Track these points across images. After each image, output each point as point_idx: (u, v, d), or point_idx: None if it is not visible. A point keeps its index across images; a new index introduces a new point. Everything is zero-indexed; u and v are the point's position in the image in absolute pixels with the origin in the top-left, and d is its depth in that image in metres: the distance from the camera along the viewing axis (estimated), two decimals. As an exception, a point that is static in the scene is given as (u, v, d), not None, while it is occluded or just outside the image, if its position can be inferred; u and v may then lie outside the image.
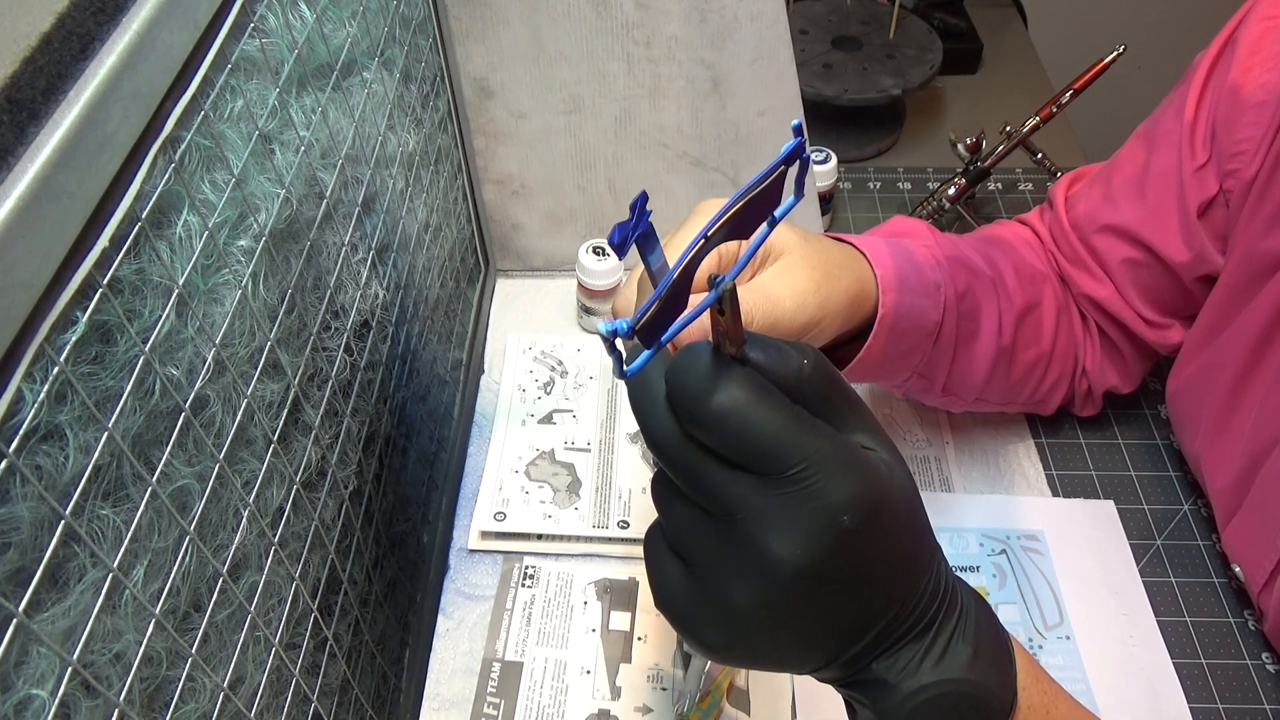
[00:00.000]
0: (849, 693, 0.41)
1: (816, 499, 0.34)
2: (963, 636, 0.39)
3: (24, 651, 0.28)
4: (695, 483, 0.36)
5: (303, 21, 0.48)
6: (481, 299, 0.91)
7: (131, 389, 0.33)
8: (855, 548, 0.35)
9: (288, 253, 0.47)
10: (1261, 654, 0.66)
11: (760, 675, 0.65)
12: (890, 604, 0.38)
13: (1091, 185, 0.74)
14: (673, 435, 0.36)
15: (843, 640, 0.38)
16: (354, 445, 0.57)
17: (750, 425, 0.34)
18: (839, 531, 0.35)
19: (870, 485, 0.35)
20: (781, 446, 0.34)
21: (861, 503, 0.35)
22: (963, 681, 0.38)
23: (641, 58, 0.77)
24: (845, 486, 0.35)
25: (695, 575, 0.37)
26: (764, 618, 0.37)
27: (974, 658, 0.39)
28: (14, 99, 0.27)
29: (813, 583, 0.36)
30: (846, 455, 0.35)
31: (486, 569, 0.71)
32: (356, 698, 0.59)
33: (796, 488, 0.34)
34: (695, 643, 0.39)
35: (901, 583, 0.38)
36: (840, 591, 0.36)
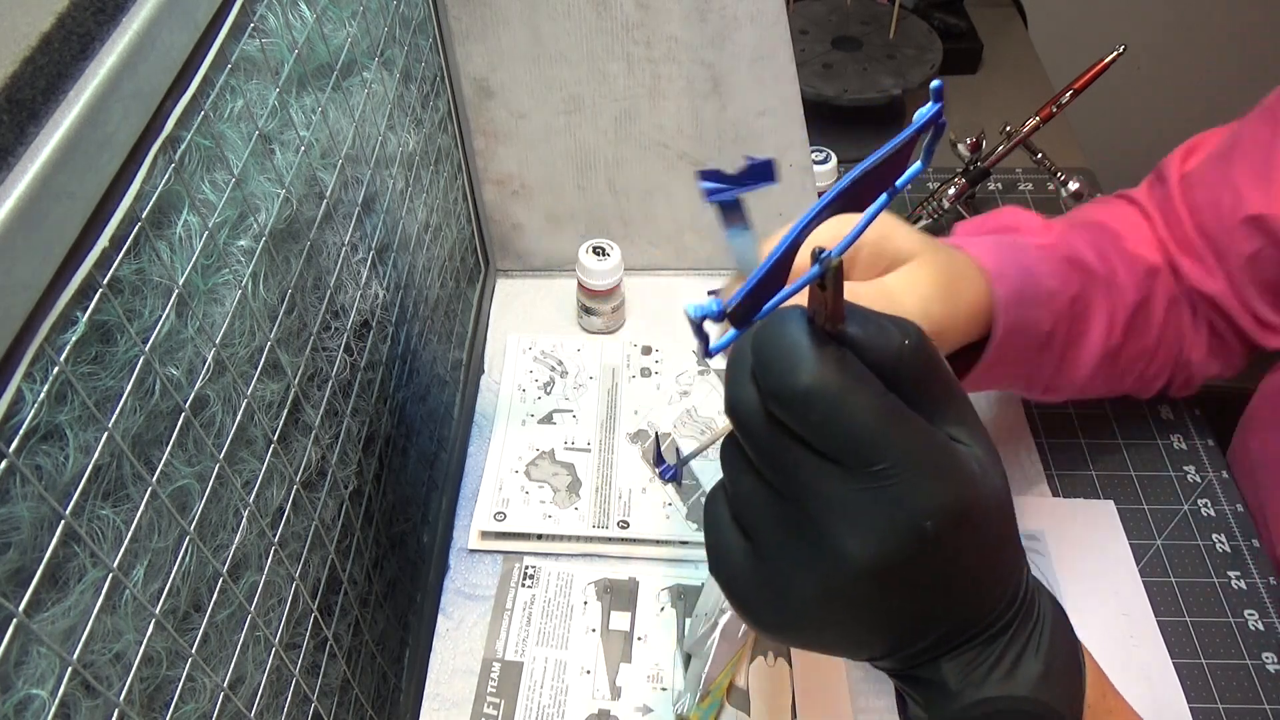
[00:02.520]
0: (904, 686, 0.39)
1: (901, 501, 0.32)
2: (1035, 651, 0.37)
3: (24, 651, 0.28)
4: (772, 462, 0.34)
5: (303, 21, 0.48)
6: (481, 299, 0.91)
7: (131, 389, 0.32)
8: (935, 555, 0.33)
9: (288, 253, 0.47)
10: (1261, 654, 0.66)
11: (760, 675, 0.65)
12: (962, 610, 0.35)
13: (1210, 166, 0.69)
14: (754, 408, 0.33)
15: (904, 638, 0.36)
16: (354, 445, 0.57)
17: (838, 413, 0.32)
18: (920, 537, 0.32)
19: (960, 492, 0.33)
20: (870, 440, 0.32)
21: (949, 510, 0.32)
22: (1028, 700, 0.36)
23: (641, 58, 0.77)
24: (934, 491, 0.32)
25: (758, 554, 0.35)
26: (825, 610, 0.35)
27: (1044, 675, 0.36)
28: (14, 99, 0.27)
29: (882, 584, 0.33)
30: (939, 456, 0.33)
31: (486, 569, 0.71)
32: (356, 698, 0.59)
33: (881, 485, 0.32)
34: (749, 619, 0.37)
35: (978, 591, 0.35)
36: (910, 596, 0.34)
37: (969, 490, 0.33)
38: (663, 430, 0.78)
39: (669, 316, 0.89)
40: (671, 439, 0.78)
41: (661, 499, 0.74)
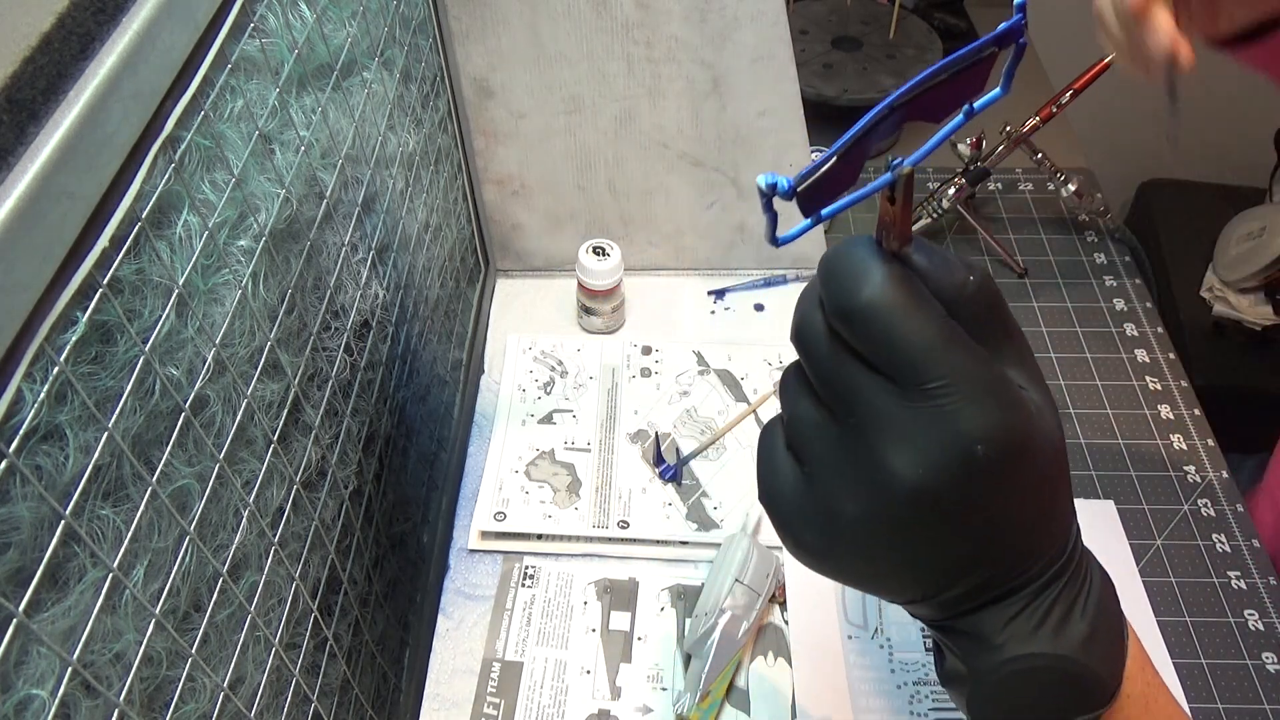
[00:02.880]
0: (942, 638, 0.39)
1: (952, 421, 0.32)
2: (1082, 612, 0.36)
3: (24, 651, 0.28)
4: (829, 380, 0.34)
5: (303, 21, 0.48)
6: (481, 299, 0.91)
7: (131, 389, 0.32)
8: (983, 484, 0.33)
9: (288, 253, 0.47)
10: (1262, 654, 0.66)
11: (760, 675, 0.65)
12: (1007, 555, 0.35)
13: None
14: (817, 326, 0.34)
15: (945, 578, 0.35)
16: (354, 445, 0.57)
17: (896, 327, 0.32)
18: (969, 461, 0.32)
19: (1014, 421, 0.33)
20: (926, 356, 0.32)
21: (1001, 437, 0.32)
22: (1071, 661, 0.35)
23: (641, 58, 0.77)
24: (987, 415, 0.32)
25: (807, 477, 0.35)
26: (868, 533, 0.34)
27: (1089, 637, 0.36)
28: (14, 99, 0.27)
29: (928, 509, 0.33)
30: (995, 383, 0.33)
31: (486, 569, 0.71)
32: (356, 698, 0.59)
33: (934, 404, 0.32)
34: (792, 544, 0.37)
35: (1025, 537, 0.35)
36: (955, 526, 0.34)
37: (1022, 422, 0.33)
38: (663, 430, 0.78)
39: (669, 316, 0.89)
40: (671, 439, 0.78)
41: (661, 499, 0.74)
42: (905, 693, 0.63)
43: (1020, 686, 0.36)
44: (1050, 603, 0.36)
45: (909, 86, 0.31)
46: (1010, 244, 0.97)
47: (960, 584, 0.35)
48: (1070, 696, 0.36)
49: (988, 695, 0.37)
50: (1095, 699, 0.37)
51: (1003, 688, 0.36)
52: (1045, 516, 0.35)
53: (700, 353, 0.84)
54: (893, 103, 0.31)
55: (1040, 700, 0.36)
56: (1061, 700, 0.36)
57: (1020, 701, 0.37)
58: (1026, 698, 0.36)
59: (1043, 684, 0.36)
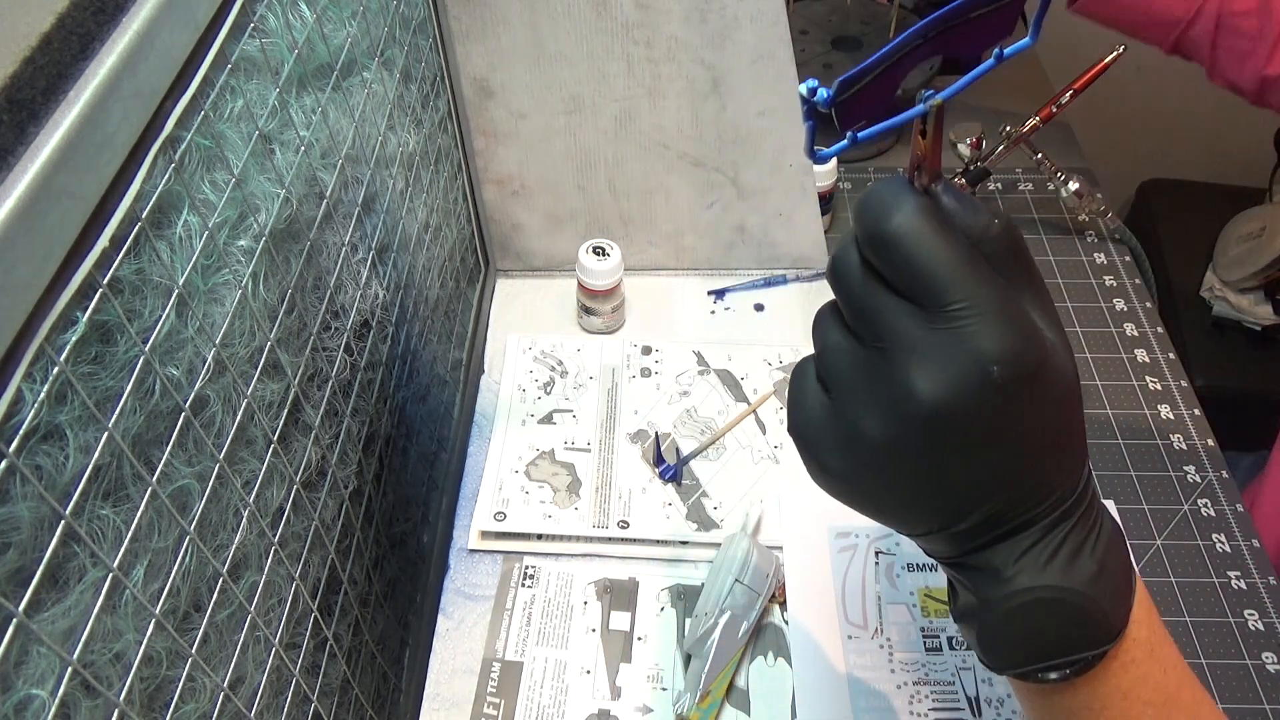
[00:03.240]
0: (956, 574, 0.40)
1: (969, 341, 0.34)
2: (1091, 551, 0.37)
3: (24, 651, 0.28)
4: (859, 307, 0.36)
5: (303, 21, 0.48)
6: (481, 299, 0.91)
7: (131, 389, 0.32)
8: (998, 405, 0.34)
9: (288, 253, 0.47)
10: (1262, 654, 0.66)
11: (760, 675, 0.65)
12: (1020, 484, 0.36)
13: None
14: (851, 258, 0.36)
15: (961, 504, 0.37)
16: (354, 445, 0.57)
17: (920, 252, 0.34)
18: (985, 381, 0.34)
19: (1028, 346, 0.34)
20: (946, 279, 0.34)
21: (1015, 360, 0.34)
22: (1079, 594, 0.37)
23: (641, 58, 0.77)
24: (1003, 338, 0.34)
25: (834, 402, 0.37)
26: (888, 453, 0.36)
27: (1098, 574, 0.37)
28: (14, 99, 0.27)
29: (945, 428, 0.35)
30: (1012, 309, 0.34)
31: (486, 569, 0.71)
32: (356, 698, 0.59)
33: (953, 324, 0.34)
34: (817, 470, 0.39)
35: (1036, 468, 0.36)
36: (970, 449, 0.35)
37: (1036, 348, 0.34)
38: (663, 430, 0.78)
39: (669, 316, 0.89)
40: (671, 439, 0.78)
41: (661, 499, 0.74)
42: (905, 693, 0.63)
43: (1028, 617, 0.37)
44: (1061, 539, 0.37)
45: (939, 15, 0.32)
46: (1010, 244, 0.97)
47: (975, 512, 0.37)
48: (1076, 629, 0.37)
49: (997, 625, 0.38)
50: (1100, 634, 0.38)
51: (1011, 618, 0.38)
52: (1057, 450, 0.36)
53: (700, 353, 0.84)
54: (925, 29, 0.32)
55: (1047, 631, 0.38)
56: (1068, 632, 0.37)
57: (1028, 631, 0.38)
58: (1034, 628, 0.38)
59: (1050, 615, 0.37)
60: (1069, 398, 0.37)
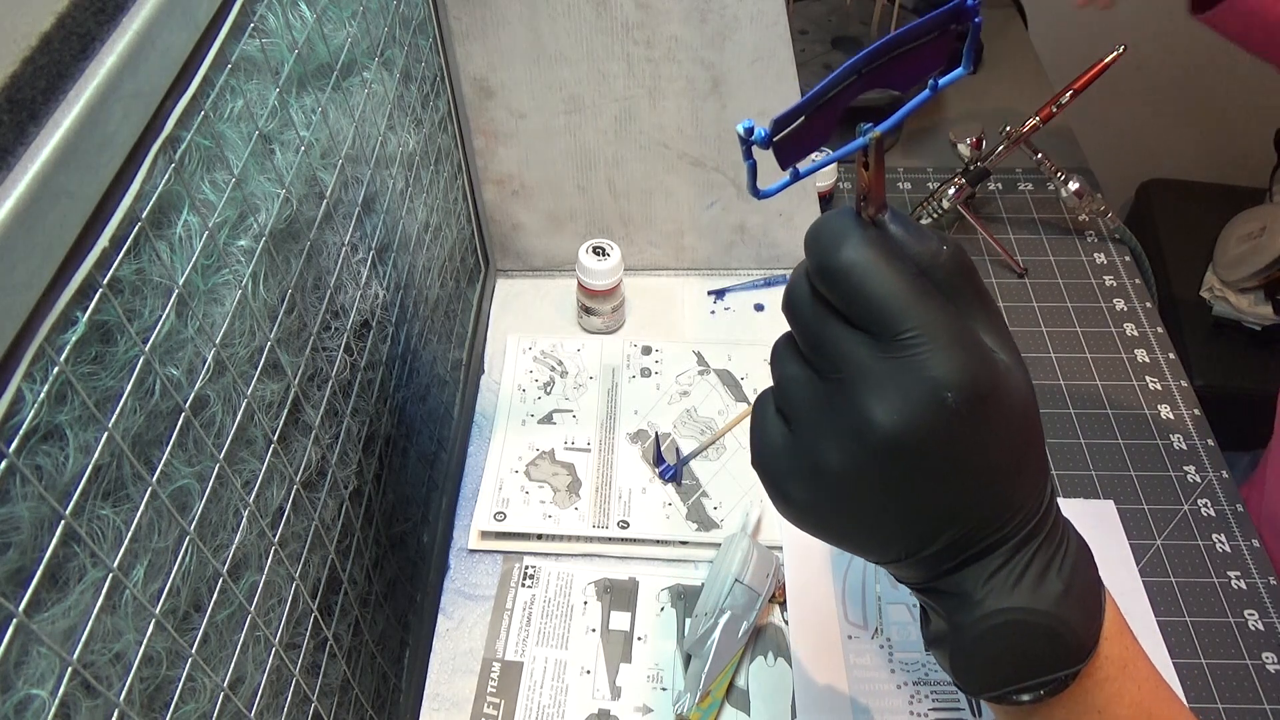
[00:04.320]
0: (926, 600, 0.41)
1: (923, 369, 0.34)
2: (1059, 571, 0.38)
3: (24, 651, 0.28)
4: (814, 340, 0.37)
5: (303, 21, 0.48)
6: (481, 299, 0.91)
7: (131, 389, 0.32)
8: (954, 430, 0.34)
9: (288, 253, 0.47)
10: (1262, 654, 0.66)
11: (760, 675, 0.65)
12: (982, 508, 0.36)
13: None
14: (804, 291, 0.37)
15: (925, 531, 0.37)
16: (354, 445, 0.57)
17: (870, 283, 0.34)
18: (940, 408, 0.34)
19: (982, 371, 0.35)
20: (897, 309, 0.34)
21: (969, 385, 0.34)
22: (1048, 615, 0.37)
23: (641, 58, 0.77)
24: (954, 363, 0.34)
25: (794, 434, 0.38)
26: (849, 484, 0.36)
27: (1065, 594, 0.37)
28: (14, 99, 0.27)
29: (903, 456, 0.35)
30: (963, 335, 0.35)
31: (486, 569, 0.71)
32: (356, 698, 0.59)
33: (905, 354, 0.34)
34: (781, 502, 0.39)
35: (998, 490, 0.36)
36: (930, 475, 0.35)
37: (989, 372, 0.35)
38: (663, 430, 0.78)
39: (669, 316, 0.89)
40: (671, 439, 0.78)
41: (661, 499, 0.74)
42: (905, 693, 0.63)
43: (998, 639, 0.38)
44: (1028, 560, 0.37)
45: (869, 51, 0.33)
46: (1010, 244, 0.97)
47: (939, 538, 0.37)
48: (1046, 650, 0.38)
49: (968, 649, 0.38)
50: (1071, 654, 0.38)
51: (982, 641, 0.38)
52: (1018, 472, 0.37)
53: (700, 353, 0.84)
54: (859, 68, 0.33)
55: (1017, 653, 0.38)
56: (1038, 653, 0.38)
57: (998, 654, 0.38)
58: (1004, 650, 0.38)
59: (1020, 637, 0.37)
60: (1026, 418, 0.37)
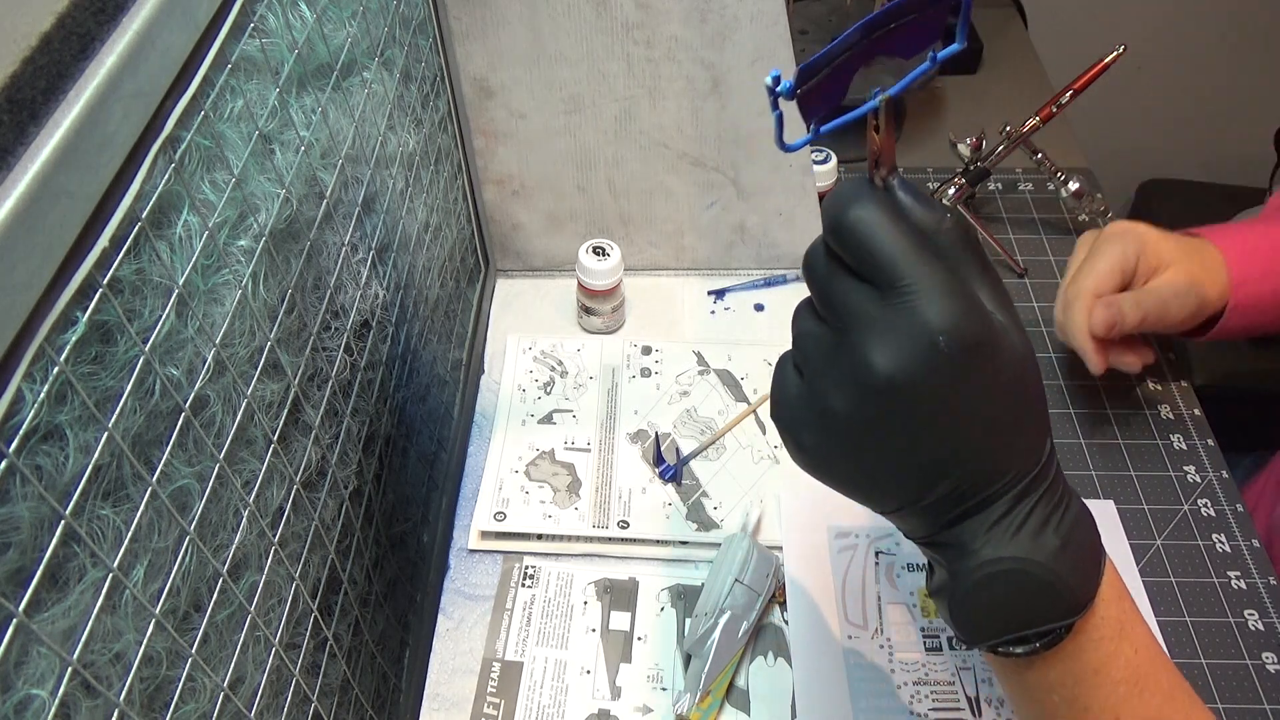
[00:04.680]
0: (931, 552, 0.43)
1: (917, 314, 0.36)
2: (1056, 527, 0.39)
3: (24, 651, 0.28)
4: (823, 291, 0.40)
5: (303, 21, 0.48)
6: (481, 299, 0.91)
7: (131, 389, 0.33)
8: (945, 373, 0.37)
9: (288, 253, 0.47)
10: (1262, 654, 0.66)
11: (760, 675, 0.65)
12: (977, 459, 0.38)
13: None
14: (819, 251, 0.40)
15: (924, 478, 0.39)
16: (354, 445, 0.57)
17: (874, 237, 0.38)
18: (933, 351, 0.36)
19: (973, 321, 0.37)
20: (897, 261, 0.37)
21: (960, 331, 0.36)
22: (1042, 566, 0.39)
23: (641, 58, 0.77)
24: (947, 310, 0.36)
25: (806, 383, 0.40)
26: (854, 427, 0.39)
27: (1062, 549, 0.39)
28: (14, 99, 0.27)
29: (901, 397, 0.37)
30: (958, 288, 0.37)
31: (486, 569, 0.71)
32: (356, 698, 0.59)
33: (903, 300, 0.37)
34: (793, 448, 0.42)
35: (993, 442, 0.38)
36: (926, 418, 0.38)
37: (980, 321, 0.37)
38: (663, 430, 0.78)
39: (669, 316, 0.89)
40: (671, 439, 0.78)
41: (661, 499, 0.74)
42: (905, 693, 0.63)
43: (994, 587, 0.40)
44: (1026, 514, 0.39)
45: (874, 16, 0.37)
46: (1010, 244, 0.97)
47: (938, 486, 0.39)
48: (1040, 600, 0.40)
49: (965, 596, 0.41)
50: (1064, 607, 0.40)
51: (978, 588, 0.40)
52: (1014, 426, 0.39)
53: (700, 353, 0.84)
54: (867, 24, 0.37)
55: (1012, 602, 0.40)
56: (1031, 603, 0.40)
57: (994, 602, 0.40)
58: (999, 598, 0.40)
59: (1014, 586, 0.39)
60: (1022, 377, 0.39)
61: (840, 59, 0.38)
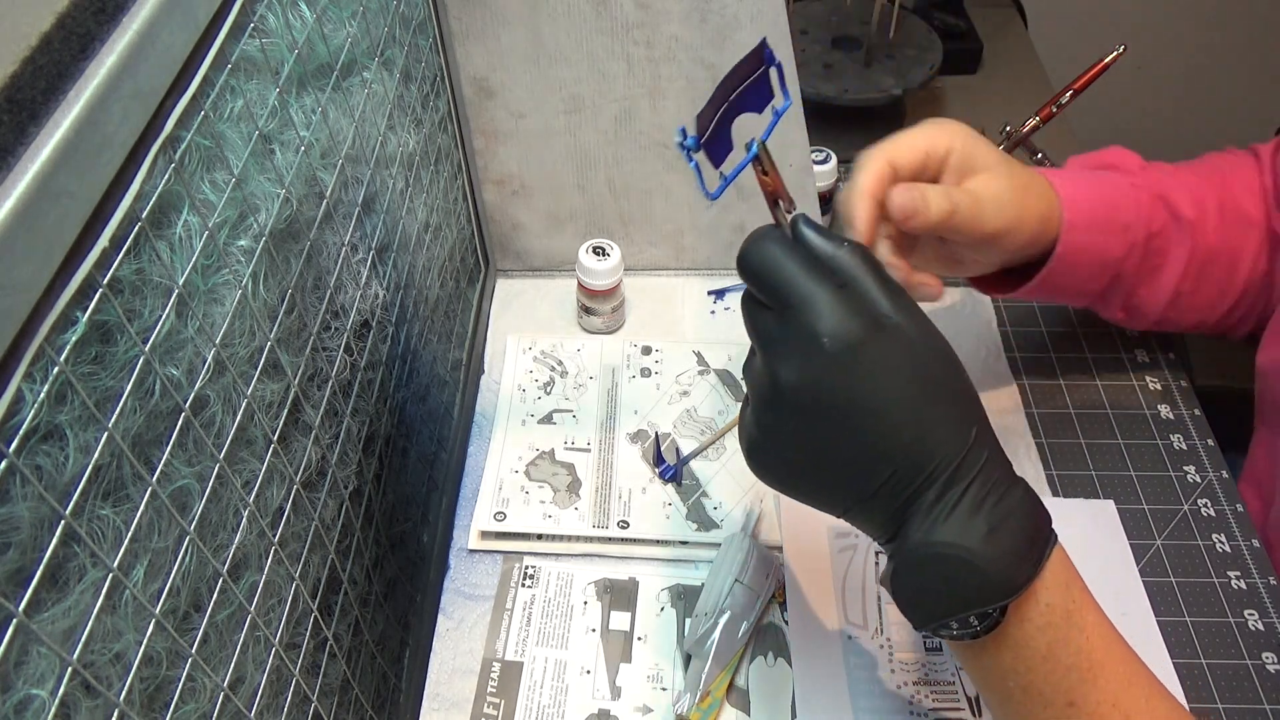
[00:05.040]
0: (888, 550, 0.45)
1: (804, 325, 0.42)
2: (988, 513, 0.42)
3: (24, 651, 0.28)
4: (748, 325, 0.46)
5: (303, 21, 0.48)
6: (481, 299, 0.91)
7: (131, 389, 0.33)
8: (840, 372, 0.41)
9: (288, 253, 0.47)
10: (1262, 654, 0.66)
11: (760, 675, 0.65)
12: (899, 451, 0.42)
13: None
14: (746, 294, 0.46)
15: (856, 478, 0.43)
16: (354, 445, 0.57)
17: (767, 270, 0.44)
18: (821, 352, 0.41)
19: (854, 322, 0.41)
20: (786, 286, 0.43)
21: (842, 333, 0.41)
22: (966, 550, 0.41)
23: (641, 58, 0.77)
24: (829, 318, 0.41)
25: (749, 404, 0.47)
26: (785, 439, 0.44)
27: (991, 533, 0.41)
28: (14, 99, 0.27)
29: (808, 403, 0.42)
30: (838, 296, 0.42)
31: (486, 569, 0.71)
32: (356, 698, 0.59)
33: (794, 317, 0.42)
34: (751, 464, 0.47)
35: (911, 431, 0.42)
36: (836, 418, 0.42)
37: (865, 325, 0.42)
38: (663, 430, 0.78)
39: (669, 316, 0.89)
40: (671, 439, 0.78)
41: (661, 499, 0.74)
42: (905, 693, 0.63)
43: (923, 569, 0.43)
44: (955, 500, 0.42)
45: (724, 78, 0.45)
46: (1010, 244, 0.97)
47: (871, 481, 0.43)
48: (967, 584, 0.42)
49: (900, 580, 0.44)
50: (991, 591, 0.42)
51: (909, 570, 0.43)
52: (928, 415, 0.42)
53: (700, 353, 0.84)
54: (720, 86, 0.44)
55: (939, 584, 0.43)
56: (958, 586, 0.42)
57: (924, 584, 0.43)
58: (929, 581, 0.43)
59: (941, 569, 0.42)
60: (925, 368, 0.42)
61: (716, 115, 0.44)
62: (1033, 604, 0.43)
